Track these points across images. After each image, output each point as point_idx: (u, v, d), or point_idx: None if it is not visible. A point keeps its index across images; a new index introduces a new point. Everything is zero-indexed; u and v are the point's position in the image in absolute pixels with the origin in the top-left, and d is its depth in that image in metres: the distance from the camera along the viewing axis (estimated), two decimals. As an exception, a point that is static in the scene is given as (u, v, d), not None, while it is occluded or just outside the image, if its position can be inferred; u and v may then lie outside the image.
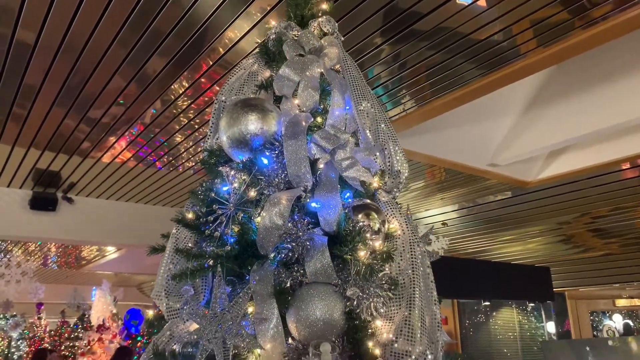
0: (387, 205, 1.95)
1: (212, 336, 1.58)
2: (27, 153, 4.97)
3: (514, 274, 6.36)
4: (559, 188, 5.97)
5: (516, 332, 9.41)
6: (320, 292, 1.68)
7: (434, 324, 1.76)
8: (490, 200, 6.52)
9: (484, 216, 7.05)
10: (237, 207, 1.80)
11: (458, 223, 7.43)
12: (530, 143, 5.18)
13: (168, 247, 1.93)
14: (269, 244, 1.74)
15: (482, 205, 6.72)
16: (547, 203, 6.40)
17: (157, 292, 1.85)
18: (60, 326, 9.97)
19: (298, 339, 1.66)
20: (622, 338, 3.25)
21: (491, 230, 7.58)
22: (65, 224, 5.95)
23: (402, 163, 2.04)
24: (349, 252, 1.71)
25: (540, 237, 7.68)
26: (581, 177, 5.62)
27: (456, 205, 6.84)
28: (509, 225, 7.29)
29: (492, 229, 7.55)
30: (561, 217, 6.86)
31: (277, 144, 1.88)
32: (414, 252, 1.86)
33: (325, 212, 1.77)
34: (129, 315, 8.22)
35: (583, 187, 5.89)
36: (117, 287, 9.68)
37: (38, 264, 9.31)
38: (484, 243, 8.22)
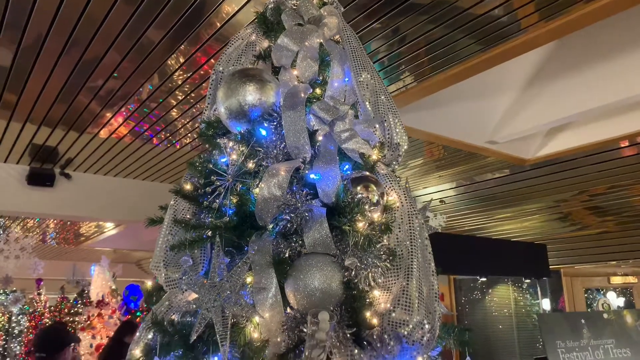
0: (386, 177, 1.94)
1: (211, 305, 1.58)
2: (23, 128, 4.93)
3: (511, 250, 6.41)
4: (557, 166, 5.97)
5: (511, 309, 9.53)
6: (318, 262, 1.69)
7: (432, 295, 1.77)
8: (488, 178, 6.53)
9: (481, 194, 7.07)
10: (235, 178, 1.80)
11: (455, 201, 7.45)
12: (530, 120, 5.16)
13: (166, 219, 1.93)
14: (267, 215, 1.74)
15: (479, 183, 6.73)
16: (545, 181, 6.41)
17: (156, 263, 1.85)
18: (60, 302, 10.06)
19: (296, 308, 1.67)
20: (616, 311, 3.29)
21: (488, 208, 7.61)
22: (63, 200, 5.95)
23: (401, 135, 2.03)
24: (347, 223, 1.71)
25: (537, 214, 7.71)
26: (579, 154, 5.62)
27: (454, 183, 6.85)
28: (506, 203, 7.32)
29: (490, 207, 7.58)
30: (558, 195, 6.88)
31: (276, 115, 1.86)
32: (413, 224, 1.86)
33: (324, 184, 1.77)
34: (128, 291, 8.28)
35: (581, 164, 5.89)
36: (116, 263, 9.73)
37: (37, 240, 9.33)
38: (481, 221, 8.25)
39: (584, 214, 7.57)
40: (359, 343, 1.62)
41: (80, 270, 9.76)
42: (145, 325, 1.80)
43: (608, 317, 3.26)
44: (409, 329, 1.60)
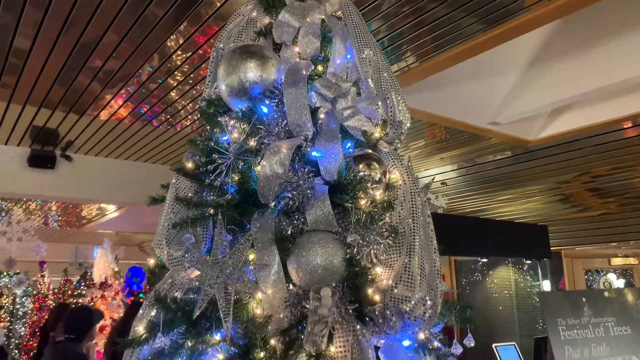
0: (388, 156, 1.93)
1: (214, 282, 1.59)
2: (24, 110, 4.91)
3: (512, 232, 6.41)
4: (560, 147, 5.95)
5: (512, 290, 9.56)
6: (320, 239, 1.69)
7: (434, 272, 1.77)
8: (489, 159, 6.50)
9: (483, 176, 7.06)
10: (237, 156, 1.79)
11: (457, 183, 7.44)
12: (532, 101, 5.12)
13: (168, 197, 1.92)
14: (269, 192, 1.73)
15: (481, 165, 6.71)
16: (547, 162, 6.39)
17: (158, 241, 1.85)
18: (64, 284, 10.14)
19: (299, 284, 1.68)
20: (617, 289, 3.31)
21: (490, 189, 7.60)
22: (64, 182, 5.95)
23: (404, 113, 2.01)
24: (349, 201, 1.70)
25: (539, 196, 7.71)
26: (582, 136, 5.59)
27: (455, 165, 6.83)
28: (507, 184, 7.31)
29: (491, 189, 7.57)
30: (560, 177, 6.86)
31: (277, 92, 1.85)
32: (415, 201, 1.86)
33: (326, 161, 1.76)
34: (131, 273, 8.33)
35: (583, 146, 5.87)
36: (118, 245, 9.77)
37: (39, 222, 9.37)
38: (482, 202, 8.26)
39: (585, 196, 7.56)
40: (361, 319, 1.63)
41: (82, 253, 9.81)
42: (148, 302, 1.81)
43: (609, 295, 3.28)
44: (411, 305, 1.61)
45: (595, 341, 3.06)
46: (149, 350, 1.72)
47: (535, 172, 6.73)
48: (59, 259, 11.33)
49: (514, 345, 5.81)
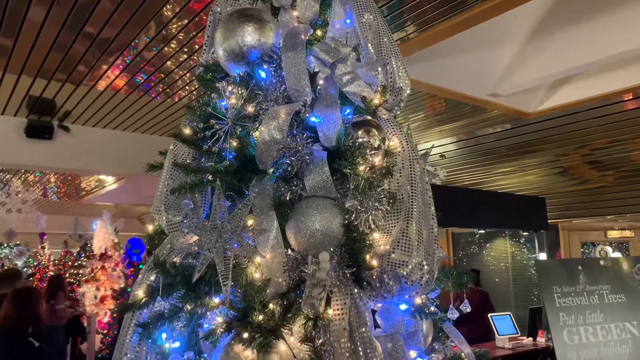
0: (387, 122, 1.92)
1: (213, 246, 1.60)
2: (19, 79, 4.86)
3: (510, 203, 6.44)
4: (559, 119, 5.92)
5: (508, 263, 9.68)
6: (319, 204, 1.69)
7: (431, 237, 1.78)
8: (489, 132, 6.48)
9: (482, 148, 7.04)
10: (234, 122, 1.78)
11: (456, 155, 7.43)
12: (533, 72, 5.07)
13: (166, 163, 1.92)
14: (268, 158, 1.73)
15: (480, 137, 6.69)
16: (547, 135, 6.37)
17: (157, 207, 1.86)
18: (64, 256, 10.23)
19: (297, 249, 1.69)
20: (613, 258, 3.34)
21: (489, 162, 7.60)
22: (62, 153, 5.92)
23: (404, 79, 1.99)
24: (348, 166, 1.70)
25: (538, 169, 7.71)
26: (582, 108, 5.56)
27: (454, 138, 6.81)
28: (506, 157, 7.30)
29: (490, 161, 7.56)
30: (559, 149, 6.85)
31: (275, 56, 1.82)
32: (414, 168, 1.85)
33: (325, 127, 1.75)
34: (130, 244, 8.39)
35: (583, 118, 5.84)
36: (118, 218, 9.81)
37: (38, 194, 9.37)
38: (481, 175, 8.26)
39: (583, 169, 7.56)
40: (359, 283, 1.64)
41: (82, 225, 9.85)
42: (147, 267, 1.82)
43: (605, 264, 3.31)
44: (408, 269, 1.62)
45: (590, 308, 3.11)
46: (149, 313, 1.74)
47: (534, 144, 6.72)
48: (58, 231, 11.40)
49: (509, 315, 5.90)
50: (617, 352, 3.07)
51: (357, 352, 1.52)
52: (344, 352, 1.50)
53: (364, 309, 1.58)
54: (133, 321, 1.76)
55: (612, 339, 3.08)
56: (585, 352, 3.01)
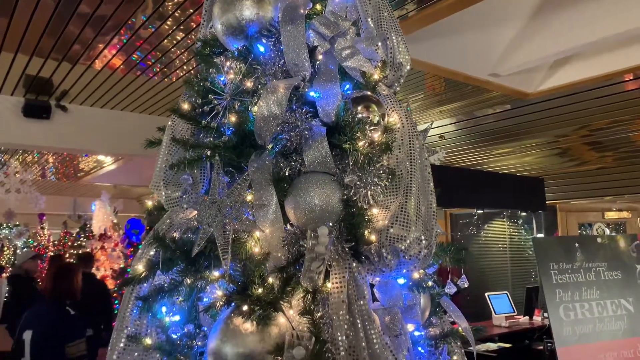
0: (387, 98, 1.91)
1: (212, 220, 1.60)
2: (15, 58, 4.81)
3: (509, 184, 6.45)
4: (560, 100, 5.89)
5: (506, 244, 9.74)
6: (318, 180, 1.69)
7: (430, 213, 1.79)
8: (488, 112, 6.46)
9: (481, 129, 7.03)
10: (233, 97, 1.77)
11: (455, 136, 7.41)
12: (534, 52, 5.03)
13: (165, 139, 1.91)
14: (266, 133, 1.72)
15: (479, 118, 6.67)
16: (546, 115, 6.35)
17: (156, 182, 1.86)
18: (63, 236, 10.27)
19: (296, 225, 1.69)
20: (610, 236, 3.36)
21: (488, 143, 7.59)
22: (60, 132, 5.90)
23: (404, 55, 1.98)
24: (347, 142, 1.70)
25: (537, 150, 7.70)
26: (583, 88, 5.53)
27: (454, 119, 6.78)
28: (506, 138, 7.29)
29: (489, 142, 7.55)
30: (559, 130, 6.84)
31: (274, 30, 1.81)
32: (413, 144, 1.85)
33: (324, 102, 1.74)
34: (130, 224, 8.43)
35: (584, 99, 5.81)
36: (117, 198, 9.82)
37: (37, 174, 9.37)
38: (480, 156, 8.26)
39: (583, 150, 7.56)
40: (357, 257, 1.65)
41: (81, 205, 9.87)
42: (147, 242, 1.82)
43: (602, 241, 3.33)
44: (407, 244, 1.63)
45: (586, 285, 3.15)
46: (149, 287, 1.75)
47: (534, 125, 6.70)
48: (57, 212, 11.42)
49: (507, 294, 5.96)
50: (612, 328, 3.11)
51: (355, 325, 1.53)
52: (343, 324, 1.51)
53: (362, 283, 1.59)
54: (133, 295, 1.77)
55: (607, 315, 3.11)
56: (581, 328, 3.05)
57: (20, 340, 3.31)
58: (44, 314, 3.45)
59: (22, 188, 7.33)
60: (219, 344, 1.55)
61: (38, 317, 3.45)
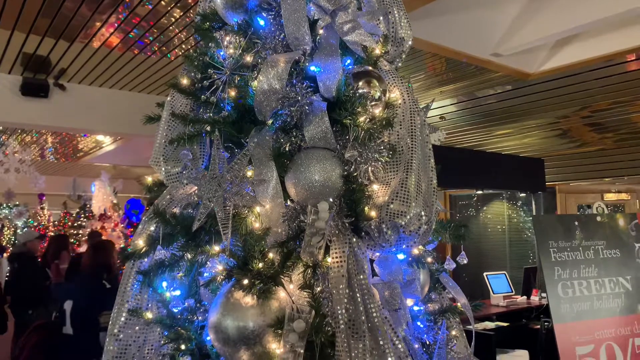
0: (388, 74, 1.90)
1: (212, 195, 1.60)
2: (12, 36, 4.76)
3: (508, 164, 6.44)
4: (561, 80, 5.86)
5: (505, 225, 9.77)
6: (318, 155, 1.69)
7: (430, 189, 1.79)
8: (489, 93, 6.42)
9: (482, 110, 6.99)
10: (233, 71, 1.75)
11: (456, 117, 7.38)
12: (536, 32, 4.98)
13: (164, 114, 1.90)
14: (266, 108, 1.71)
15: (480, 99, 6.63)
16: (548, 96, 6.31)
17: (155, 158, 1.85)
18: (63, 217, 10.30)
19: (296, 200, 1.69)
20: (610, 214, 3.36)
21: (488, 124, 7.56)
22: (59, 111, 5.86)
23: (406, 30, 1.96)
24: (348, 117, 1.68)
25: (537, 131, 7.68)
26: (584, 69, 5.49)
27: (454, 99, 6.75)
28: (506, 119, 7.26)
29: (490, 123, 7.53)
30: (560, 111, 6.81)
31: (274, 4, 1.78)
32: (414, 121, 1.84)
33: (325, 77, 1.72)
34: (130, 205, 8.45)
35: (585, 79, 5.78)
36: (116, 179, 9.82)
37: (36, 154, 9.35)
38: (480, 137, 8.24)
39: (583, 131, 7.54)
40: (357, 233, 1.66)
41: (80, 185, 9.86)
42: (147, 217, 1.82)
43: (601, 220, 3.35)
44: (407, 219, 1.63)
45: (585, 263, 3.16)
46: (149, 262, 1.76)
47: (535, 106, 6.67)
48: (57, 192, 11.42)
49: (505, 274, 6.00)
50: (610, 305, 3.14)
51: (355, 299, 1.54)
52: (342, 298, 1.52)
53: (362, 258, 1.60)
54: (134, 270, 1.78)
55: (605, 292, 3.14)
56: (579, 305, 3.07)
57: (62, 310, 3.60)
58: (84, 286, 3.75)
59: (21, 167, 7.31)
60: (220, 318, 1.56)
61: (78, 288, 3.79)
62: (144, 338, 1.75)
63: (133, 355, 1.71)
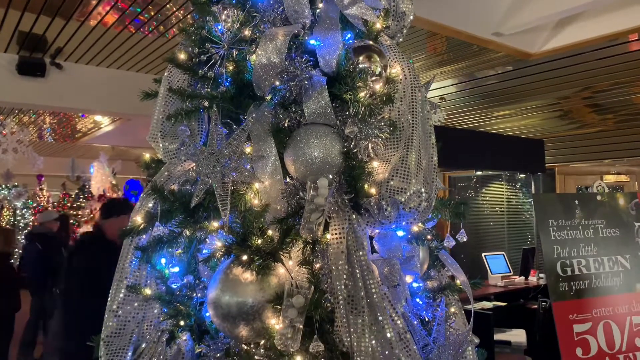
0: (389, 49, 1.87)
1: (210, 171, 1.58)
2: (7, 14, 4.70)
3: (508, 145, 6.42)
4: (563, 61, 5.80)
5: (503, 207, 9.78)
6: (318, 131, 1.67)
7: (430, 166, 1.77)
8: (490, 74, 6.37)
9: (482, 90, 6.95)
10: (231, 45, 1.72)
11: (456, 98, 7.34)
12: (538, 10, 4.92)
13: (161, 90, 1.87)
14: (265, 83, 1.68)
15: (480, 80, 6.58)
16: (549, 77, 6.26)
17: (153, 134, 1.83)
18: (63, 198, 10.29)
19: (296, 177, 1.68)
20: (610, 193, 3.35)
21: (489, 105, 7.52)
22: (56, 90, 5.81)
23: (407, 4, 1.92)
24: (348, 92, 1.66)
25: (538, 112, 7.64)
26: (586, 49, 5.44)
27: (455, 80, 6.70)
28: (507, 100, 7.21)
29: (490, 104, 7.48)
30: (561, 92, 6.76)
31: (273, -24, 1.74)
32: (415, 96, 1.82)
33: (324, 51, 1.69)
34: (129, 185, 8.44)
35: (587, 59, 5.72)
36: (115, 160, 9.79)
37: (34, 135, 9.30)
38: (480, 118, 8.20)
39: (584, 112, 7.50)
40: (357, 210, 1.65)
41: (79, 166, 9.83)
42: (145, 194, 1.81)
43: (601, 199, 3.34)
44: (407, 196, 1.62)
45: (584, 242, 3.17)
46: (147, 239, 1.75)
47: (535, 87, 6.62)
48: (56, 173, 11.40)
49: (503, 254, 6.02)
50: (608, 284, 3.15)
51: (354, 275, 1.54)
52: (342, 274, 1.52)
53: (361, 234, 1.59)
54: (132, 246, 1.77)
55: (604, 271, 3.15)
56: (577, 284, 3.09)
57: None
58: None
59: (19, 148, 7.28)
60: (219, 294, 1.55)
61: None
62: (142, 314, 1.75)
63: (132, 331, 1.72)
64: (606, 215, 3.28)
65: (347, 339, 1.49)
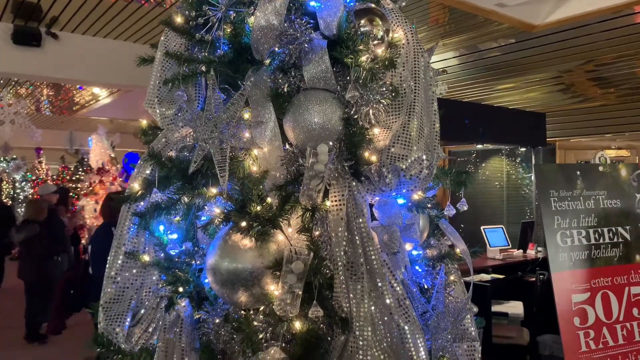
0: (392, 13, 1.82)
1: (208, 137, 1.55)
2: (0, -20, 4.60)
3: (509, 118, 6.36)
4: (566, 33, 5.70)
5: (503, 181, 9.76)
6: (318, 97, 1.63)
7: (433, 133, 1.75)
8: (493, 46, 6.27)
9: (485, 63, 6.85)
10: (228, 7, 1.67)
11: (458, 70, 7.25)
12: (543, -20, 4.82)
13: (158, 55, 1.83)
14: (264, 46, 1.64)
15: (483, 52, 6.49)
16: (552, 49, 6.17)
17: (150, 100, 1.79)
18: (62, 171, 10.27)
19: (295, 143, 1.65)
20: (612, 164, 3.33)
21: (491, 78, 7.43)
22: (52, 61, 5.72)
23: (409, -34, 1.86)
24: (349, 55, 1.62)
25: (540, 85, 7.55)
26: (590, 21, 5.34)
27: (457, 52, 6.60)
28: (509, 73, 7.13)
29: (492, 77, 7.40)
30: (564, 65, 6.67)
31: None
32: (418, 62, 1.78)
33: (325, 13, 1.65)
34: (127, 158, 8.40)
35: (591, 31, 5.63)
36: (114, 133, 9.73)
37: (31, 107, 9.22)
38: (482, 91, 8.12)
39: (586, 86, 7.42)
40: (357, 177, 1.63)
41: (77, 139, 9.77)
42: (142, 161, 1.79)
43: (603, 170, 3.32)
44: (408, 163, 1.60)
45: (585, 212, 3.16)
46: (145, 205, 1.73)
47: (538, 59, 6.53)
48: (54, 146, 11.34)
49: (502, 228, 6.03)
50: (608, 254, 3.16)
51: (354, 242, 1.53)
52: (341, 241, 1.51)
53: (361, 201, 1.57)
54: (130, 213, 1.75)
55: (603, 242, 3.15)
56: (577, 254, 3.09)
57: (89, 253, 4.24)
58: (99, 233, 4.26)
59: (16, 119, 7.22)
60: (218, 260, 1.54)
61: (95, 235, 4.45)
62: (141, 281, 1.75)
63: (131, 298, 1.71)
64: (608, 187, 3.26)
65: (346, 305, 1.49)
